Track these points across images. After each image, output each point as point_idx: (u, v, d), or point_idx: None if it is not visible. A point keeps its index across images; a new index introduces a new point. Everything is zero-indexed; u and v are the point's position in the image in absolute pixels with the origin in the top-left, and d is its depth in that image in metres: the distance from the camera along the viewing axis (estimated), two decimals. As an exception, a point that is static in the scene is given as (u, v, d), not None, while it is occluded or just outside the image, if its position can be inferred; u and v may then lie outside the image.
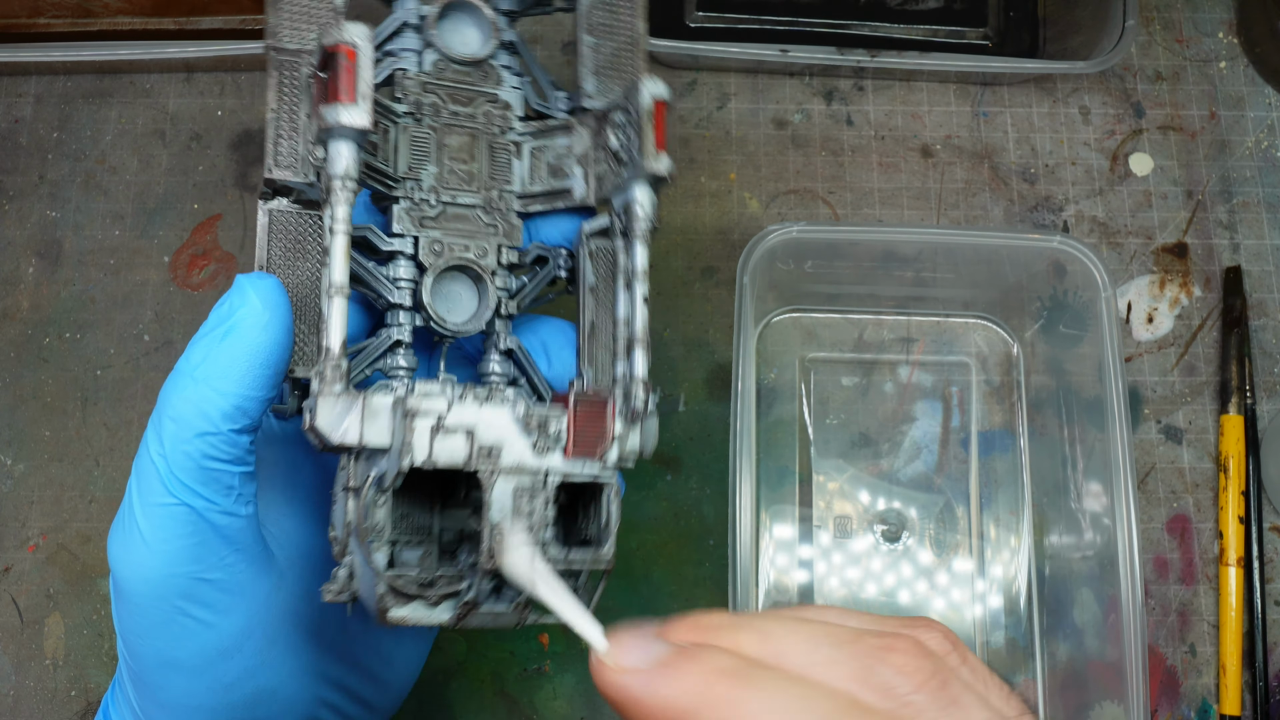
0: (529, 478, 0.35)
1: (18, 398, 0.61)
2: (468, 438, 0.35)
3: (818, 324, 0.63)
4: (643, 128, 0.39)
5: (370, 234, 0.41)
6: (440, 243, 0.41)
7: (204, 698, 0.38)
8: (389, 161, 0.42)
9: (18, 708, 0.56)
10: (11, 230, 0.63)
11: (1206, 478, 0.61)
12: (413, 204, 0.41)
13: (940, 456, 0.61)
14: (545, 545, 0.35)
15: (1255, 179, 0.66)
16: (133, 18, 0.66)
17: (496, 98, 0.44)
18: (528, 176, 0.44)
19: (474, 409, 0.35)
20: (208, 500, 0.36)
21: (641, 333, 0.40)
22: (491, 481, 0.34)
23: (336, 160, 0.36)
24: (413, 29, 0.43)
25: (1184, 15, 0.69)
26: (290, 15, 0.41)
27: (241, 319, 0.36)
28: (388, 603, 0.34)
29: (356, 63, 0.36)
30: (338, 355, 0.35)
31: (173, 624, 0.37)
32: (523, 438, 0.35)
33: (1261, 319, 0.63)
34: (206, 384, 0.36)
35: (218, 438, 0.36)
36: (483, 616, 0.35)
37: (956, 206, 0.65)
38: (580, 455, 0.36)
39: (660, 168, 0.39)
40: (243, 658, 0.38)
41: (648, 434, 0.39)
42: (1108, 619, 0.52)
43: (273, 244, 0.40)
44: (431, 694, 0.56)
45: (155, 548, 0.36)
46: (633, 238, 0.40)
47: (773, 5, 0.69)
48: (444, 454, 0.34)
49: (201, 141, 0.65)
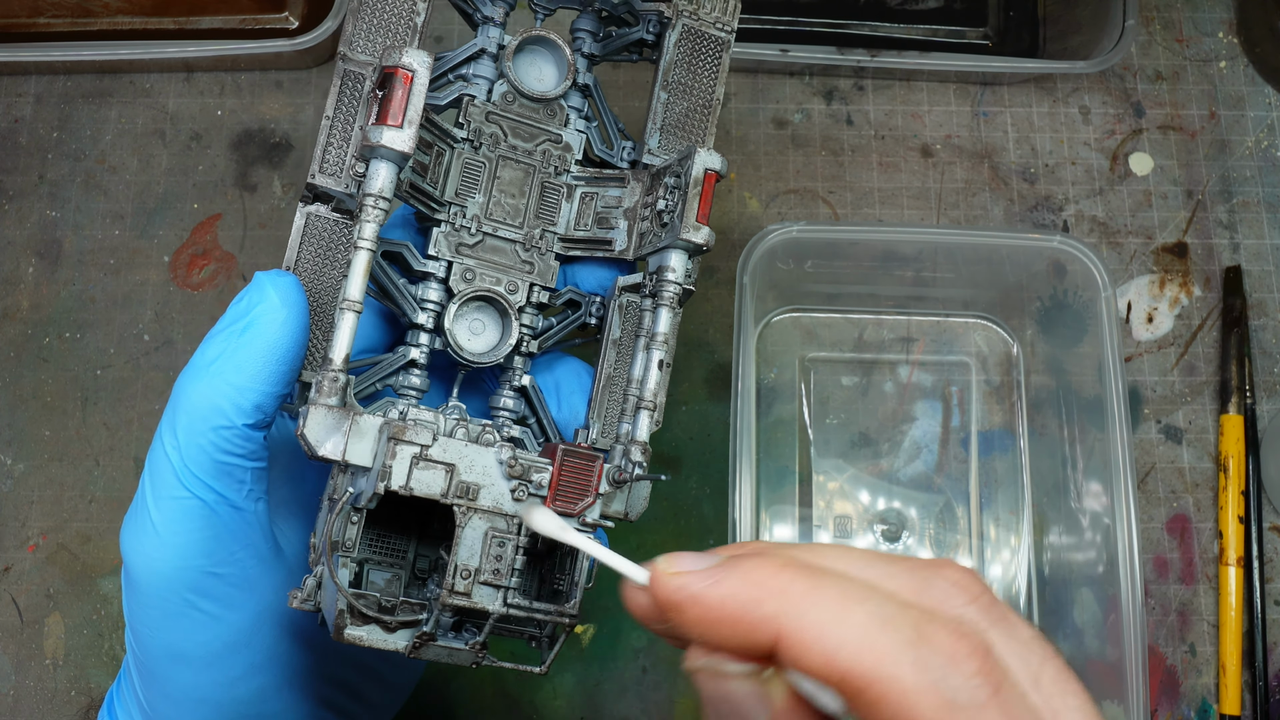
0: (504, 521, 0.35)
1: (18, 398, 0.61)
2: (448, 472, 0.35)
3: (818, 324, 0.63)
4: (688, 196, 0.39)
5: (406, 251, 0.41)
6: (473, 271, 0.42)
7: (210, 691, 0.38)
8: (437, 184, 0.42)
9: (18, 708, 0.56)
10: (11, 230, 0.63)
11: (1206, 477, 0.61)
12: (453, 229, 0.42)
13: (940, 456, 0.61)
14: (509, 591, 0.35)
15: (1255, 179, 0.66)
16: (132, 17, 0.66)
17: (559, 138, 0.44)
18: (573, 221, 0.44)
19: (460, 446, 0.35)
20: (220, 494, 0.36)
21: (650, 396, 0.40)
22: (466, 519, 0.35)
23: (373, 179, 0.37)
24: (490, 57, 0.44)
25: (1184, 15, 0.69)
26: (369, 26, 0.41)
27: (259, 315, 0.36)
28: (345, 620, 0.34)
29: (411, 88, 0.36)
30: (338, 368, 0.35)
31: (182, 617, 0.37)
32: (503, 482, 0.35)
33: (1261, 319, 0.63)
34: (222, 379, 0.36)
35: (232, 432, 0.36)
36: (438, 650, 0.35)
37: (956, 206, 0.65)
38: (559, 509, 0.35)
39: (699, 239, 0.39)
40: (249, 653, 0.38)
41: (636, 497, 0.39)
42: (1108, 619, 0.52)
43: (304, 247, 0.41)
44: (431, 694, 0.56)
45: (167, 540, 0.36)
46: (659, 302, 0.40)
47: (773, 5, 0.69)
48: (422, 484, 0.34)
49: (201, 141, 0.65)
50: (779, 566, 0.26)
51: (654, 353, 0.40)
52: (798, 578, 0.25)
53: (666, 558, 0.28)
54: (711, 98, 0.45)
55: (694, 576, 0.27)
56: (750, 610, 0.25)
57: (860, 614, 0.24)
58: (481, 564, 0.34)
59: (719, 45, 0.45)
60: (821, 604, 0.25)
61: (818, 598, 0.25)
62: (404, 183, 0.39)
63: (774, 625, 0.25)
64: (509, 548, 0.35)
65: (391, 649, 0.35)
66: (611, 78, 0.66)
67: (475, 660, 0.36)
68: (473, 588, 0.34)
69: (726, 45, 0.46)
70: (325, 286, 0.41)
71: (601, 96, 0.46)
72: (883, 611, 0.24)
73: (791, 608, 0.25)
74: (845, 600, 0.25)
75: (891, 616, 0.24)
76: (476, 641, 0.35)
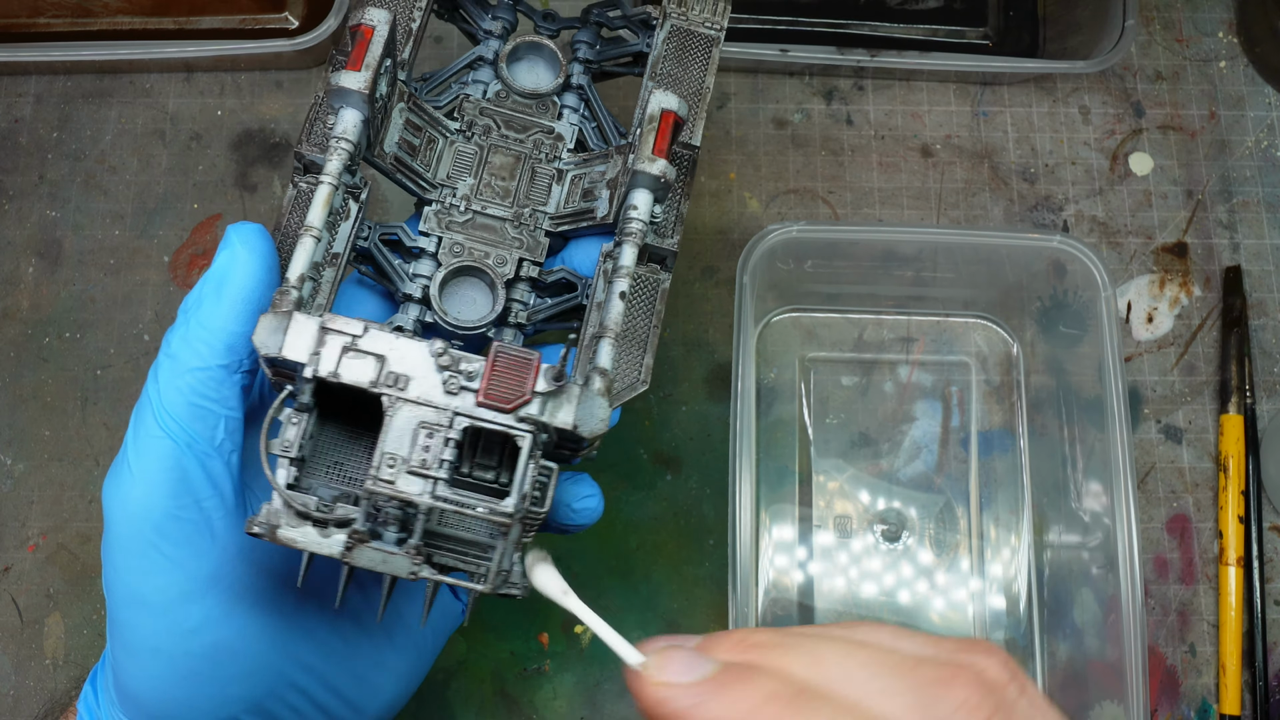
0: (434, 413, 0.34)
1: (18, 398, 0.61)
2: (378, 362, 0.35)
3: (818, 324, 0.63)
4: (644, 132, 0.40)
5: (401, 232, 0.43)
6: (462, 246, 0.43)
7: (164, 640, 0.39)
8: (429, 168, 0.44)
9: (18, 708, 0.56)
10: (11, 230, 0.63)
11: (1206, 477, 0.61)
12: (443, 208, 0.44)
13: (940, 456, 0.61)
14: (436, 483, 0.34)
15: (1255, 179, 0.66)
16: (132, 17, 0.66)
17: (551, 130, 0.46)
18: (563, 200, 0.46)
19: (390, 337, 0.35)
20: (192, 437, 0.38)
21: (612, 324, 0.39)
22: (395, 409, 0.34)
23: (339, 123, 0.39)
24: (488, 64, 0.47)
25: (1184, 15, 0.69)
26: None
27: (224, 261, 0.39)
28: (278, 519, 0.34)
29: (370, 40, 0.39)
30: (292, 283, 0.37)
31: (143, 557, 0.38)
32: (434, 374, 0.35)
33: (1261, 319, 0.63)
34: (198, 323, 0.38)
35: (206, 373, 0.38)
36: (371, 555, 0.35)
37: (956, 206, 0.65)
38: (491, 404, 0.35)
39: (653, 169, 0.40)
40: (204, 606, 0.39)
41: (591, 413, 0.37)
42: (1108, 619, 0.52)
43: (293, 215, 0.42)
44: (431, 694, 0.56)
45: (139, 478, 0.38)
46: (623, 237, 0.40)
47: (773, 5, 0.69)
48: (350, 372, 0.34)
49: (201, 141, 0.65)
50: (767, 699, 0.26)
51: (615, 284, 0.40)
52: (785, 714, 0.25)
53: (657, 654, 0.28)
54: (701, 86, 0.46)
55: (680, 691, 0.27)
56: None
57: None
58: (410, 454, 0.34)
59: (709, 42, 0.46)
60: None
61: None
62: (388, 155, 0.42)
63: None
64: (438, 439, 0.34)
65: (325, 553, 0.34)
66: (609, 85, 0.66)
67: (412, 570, 0.35)
68: (398, 476, 0.34)
69: (716, 41, 0.46)
70: None
71: (597, 97, 0.47)
72: None
73: None
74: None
75: None
76: (411, 545, 0.35)
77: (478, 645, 0.57)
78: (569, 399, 0.36)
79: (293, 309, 0.36)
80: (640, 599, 0.58)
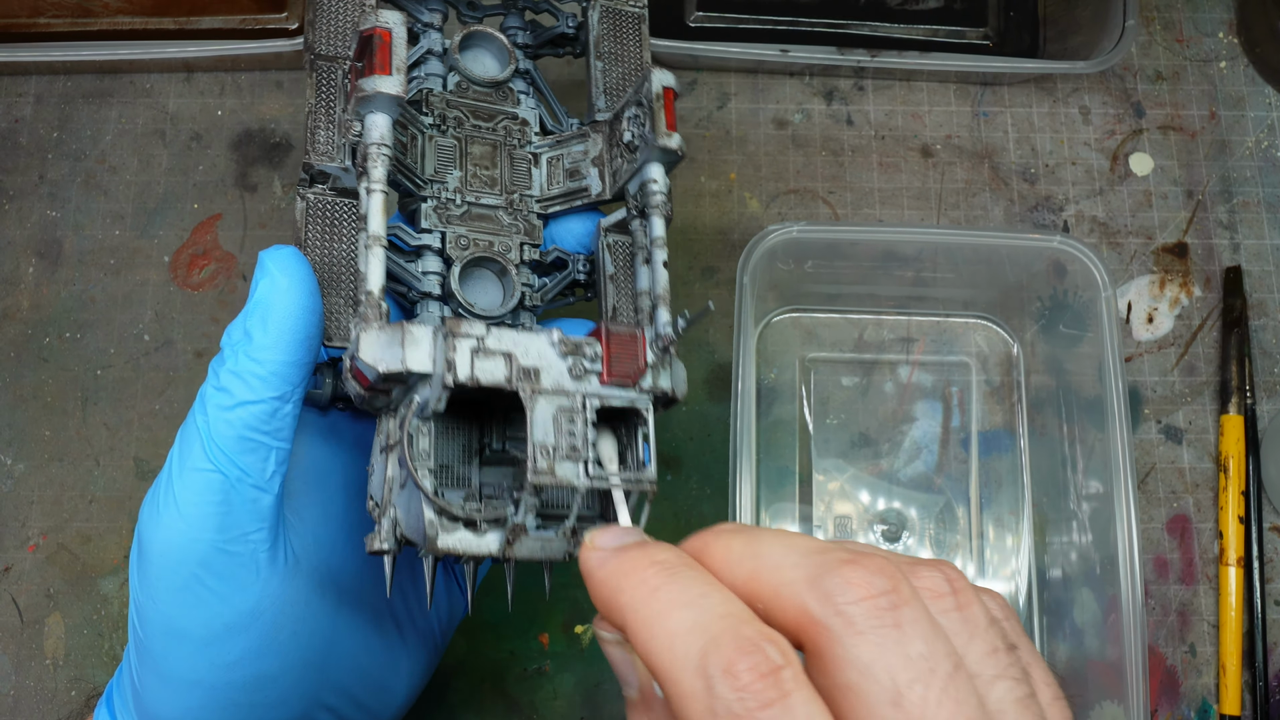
0: (567, 399, 0.36)
1: (18, 398, 0.61)
2: (507, 360, 0.36)
3: (818, 324, 0.63)
4: (654, 111, 0.42)
5: (399, 231, 0.43)
6: (466, 238, 0.44)
7: (205, 672, 0.38)
8: (417, 165, 0.45)
9: (18, 708, 0.56)
10: (11, 230, 0.63)
11: (1206, 478, 0.61)
12: (439, 203, 0.44)
13: (940, 456, 0.61)
14: (588, 464, 0.36)
15: (1255, 179, 0.66)
16: (133, 18, 0.66)
17: (516, 115, 0.47)
18: (545, 183, 0.47)
19: (512, 334, 0.36)
20: (243, 471, 0.37)
21: (663, 291, 0.42)
22: (533, 402, 0.35)
23: (373, 129, 0.39)
24: (436, 57, 0.47)
25: (1184, 15, 0.69)
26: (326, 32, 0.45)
27: (264, 291, 0.38)
28: (435, 529, 0.35)
29: (391, 41, 0.39)
30: (377, 296, 0.37)
31: (187, 591, 0.37)
32: (560, 362, 0.36)
33: (1261, 319, 0.63)
34: (247, 356, 0.38)
35: (259, 406, 0.37)
36: (531, 544, 0.36)
37: (956, 206, 0.65)
38: (615, 382, 0.37)
39: (673, 143, 0.42)
40: (248, 638, 0.39)
41: (677, 379, 0.40)
42: (1108, 619, 0.52)
43: (310, 227, 0.43)
44: (431, 694, 0.56)
45: (185, 511, 0.37)
46: (649, 211, 0.43)
47: (773, 5, 0.69)
48: (485, 373, 0.35)
49: (201, 141, 0.65)
50: (646, 563, 0.28)
51: (657, 254, 0.43)
52: (653, 576, 0.27)
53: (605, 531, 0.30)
54: (642, 62, 0.49)
55: (594, 555, 0.29)
56: (613, 595, 0.28)
57: (676, 619, 0.26)
58: (557, 441, 0.35)
59: (637, 19, 0.50)
60: (654, 604, 0.27)
61: (655, 598, 0.27)
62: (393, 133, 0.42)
63: (622, 615, 0.27)
64: (579, 422, 0.36)
65: (485, 552, 0.36)
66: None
67: (567, 550, 0.37)
68: (554, 464, 0.35)
69: (643, 19, 0.50)
70: (335, 259, 0.43)
71: (542, 80, 0.49)
72: (696, 619, 0.26)
73: (636, 601, 0.27)
74: (673, 604, 0.26)
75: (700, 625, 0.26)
76: (567, 527, 0.36)
77: (478, 645, 0.57)
78: (664, 366, 0.38)
79: (384, 320, 0.36)
80: (640, 599, 0.58)
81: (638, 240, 0.45)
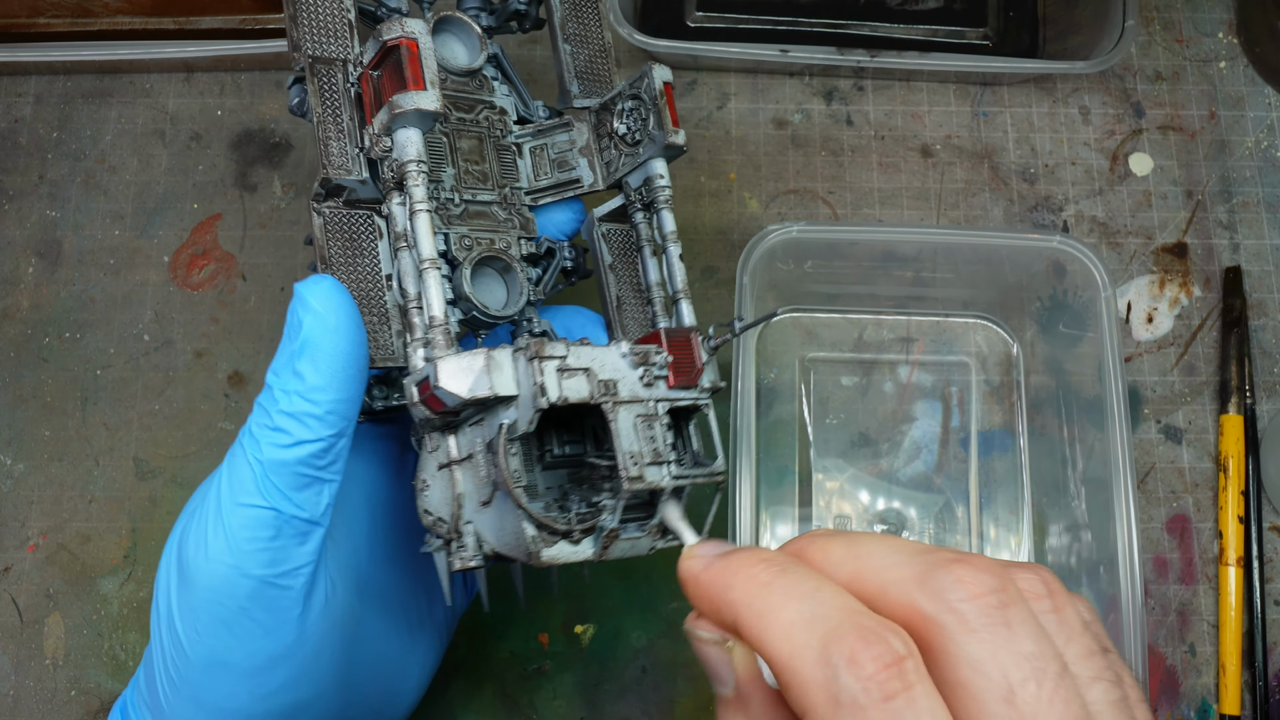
0: (642, 406, 0.38)
1: (18, 398, 0.61)
2: (587, 376, 0.37)
3: (818, 324, 0.63)
4: (660, 108, 0.44)
5: None
6: (469, 237, 0.44)
7: (244, 702, 0.38)
8: None
9: (18, 708, 0.56)
10: (11, 230, 0.63)
11: (1206, 478, 0.61)
12: (439, 203, 0.44)
13: (940, 456, 0.61)
14: (668, 464, 0.37)
15: (1255, 179, 0.66)
16: (133, 17, 0.66)
17: (493, 104, 0.47)
18: (532, 174, 0.47)
19: (587, 350, 0.37)
20: (298, 507, 0.37)
21: (682, 286, 0.44)
22: (615, 413, 0.37)
23: (408, 146, 0.39)
24: None
25: (1184, 15, 0.69)
26: (312, 30, 0.43)
27: (312, 329, 0.37)
28: (538, 545, 0.36)
29: (419, 53, 0.39)
30: (443, 321, 0.38)
31: (233, 624, 0.37)
32: (631, 372, 0.38)
33: (1261, 319, 0.63)
34: (301, 397, 0.37)
35: (317, 444, 0.37)
36: (622, 545, 0.38)
37: (956, 206, 0.65)
38: (680, 384, 0.39)
39: (680, 139, 0.44)
40: (289, 668, 0.38)
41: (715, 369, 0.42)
42: (1108, 619, 0.52)
43: (330, 243, 0.42)
44: (431, 694, 0.56)
45: (237, 546, 0.36)
46: (659, 206, 0.44)
47: (773, 5, 0.69)
48: (572, 391, 0.36)
49: (201, 141, 0.65)
50: (755, 560, 0.29)
51: (671, 248, 0.44)
52: (764, 572, 0.28)
53: (704, 542, 0.32)
54: (604, 43, 0.50)
55: (697, 561, 0.30)
56: (722, 593, 0.29)
57: (792, 610, 0.27)
58: (641, 448, 0.37)
59: None
60: (768, 597, 0.27)
61: (768, 591, 0.28)
62: None
63: (733, 610, 0.28)
64: (658, 427, 0.38)
65: (583, 559, 0.37)
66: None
67: (653, 545, 0.38)
68: (644, 470, 0.37)
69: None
70: (362, 275, 0.42)
71: (509, 64, 0.48)
72: (814, 610, 0.26)
73: (748, 596, 0.28)
74: (788, 596, 0.27)
75: (819, 615, 0.26)
76: (653, 524, 0.38)
77: (478, 645, 0.57)
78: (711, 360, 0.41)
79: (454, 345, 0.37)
80: (640, 599, 0.58)
81: (641, 233, 0.46)
